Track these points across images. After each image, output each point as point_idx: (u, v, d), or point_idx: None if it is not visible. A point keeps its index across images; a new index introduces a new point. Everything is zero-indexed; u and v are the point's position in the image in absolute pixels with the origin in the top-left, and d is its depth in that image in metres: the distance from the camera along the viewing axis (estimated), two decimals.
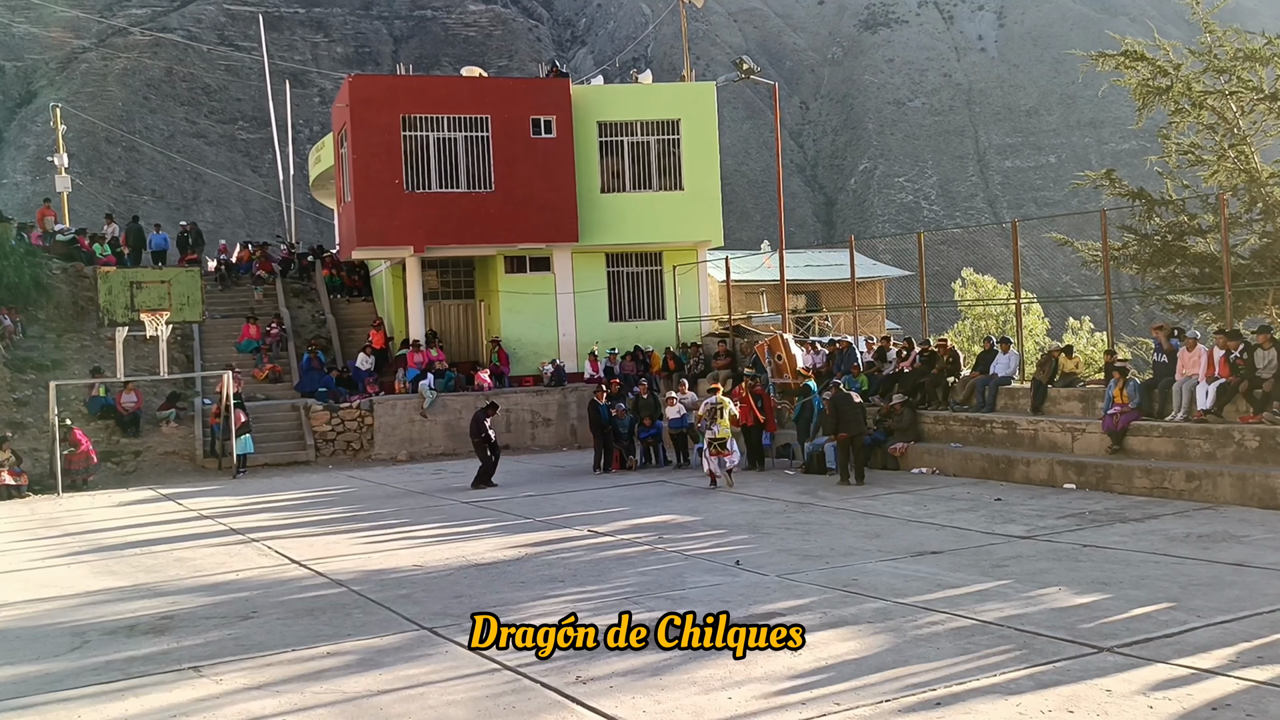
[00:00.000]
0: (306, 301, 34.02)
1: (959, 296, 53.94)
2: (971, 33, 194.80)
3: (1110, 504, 14.86)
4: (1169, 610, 9.13)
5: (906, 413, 20.45)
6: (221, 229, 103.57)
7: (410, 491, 20.39)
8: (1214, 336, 17.37)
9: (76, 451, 23.39)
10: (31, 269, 29.64)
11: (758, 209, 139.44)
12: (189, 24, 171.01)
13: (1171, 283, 24.55)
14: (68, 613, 11.28)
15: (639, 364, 28.85)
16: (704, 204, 30.65)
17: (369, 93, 28.73)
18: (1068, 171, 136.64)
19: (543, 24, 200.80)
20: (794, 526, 14.37)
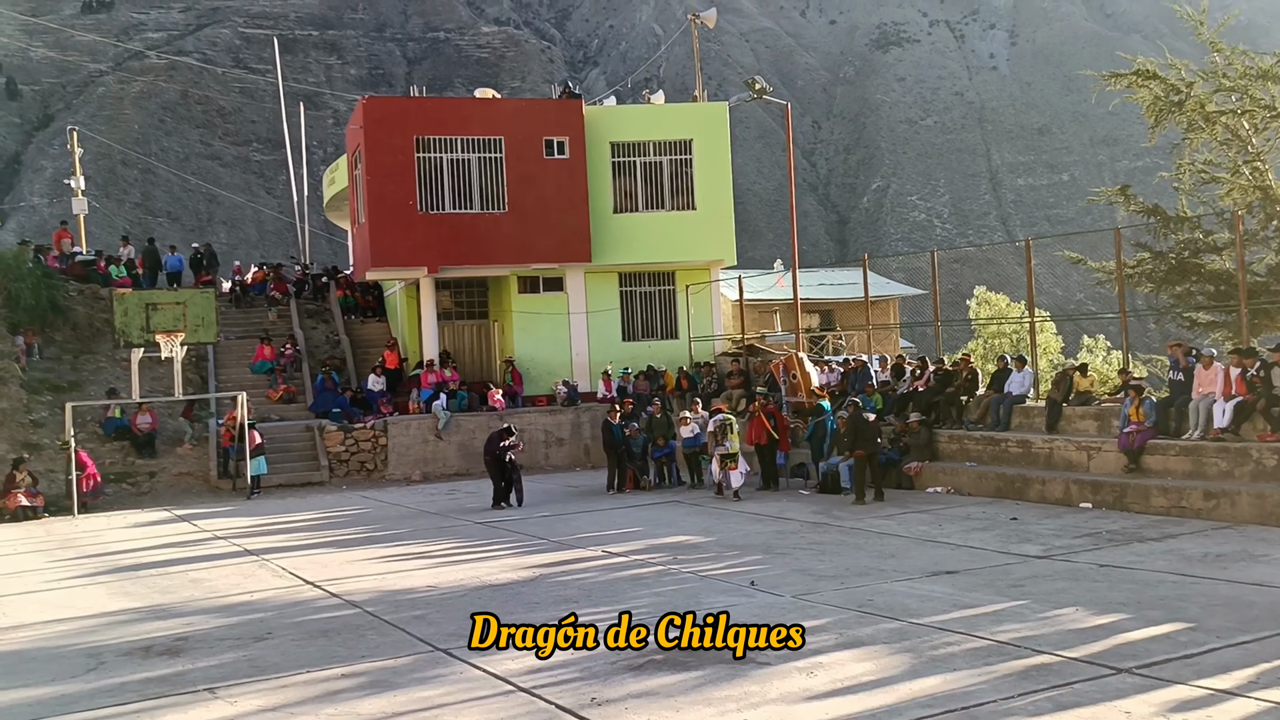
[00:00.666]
0: (320, 322, 34.14)
1: (972, 315, 53.90)
2: (983, 51, 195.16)
3: (1127, 523, 14.77)
4: (1188, 631, 9.06)
5: (923, 431, 20.39)
6: (236, 250, 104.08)
7: (424, 512, 20.39)
8: (1230, 354, 17.29)
9: (84, 474, 23.40)
10: (48, 291, 29.82)
11: (770, 228, 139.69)
12: (204, 47, 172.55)
13: (1186, 300, 24.47)
14: (84, 634, 11.30)
15: (652, 383, 28.83)
16: (716, 223, 30.68)
17: (383, 114, 28.88)
18: (1081, 189, 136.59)
19: (555, 45, 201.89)
20: (809, 546, 14.32)
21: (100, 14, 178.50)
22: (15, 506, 22.42)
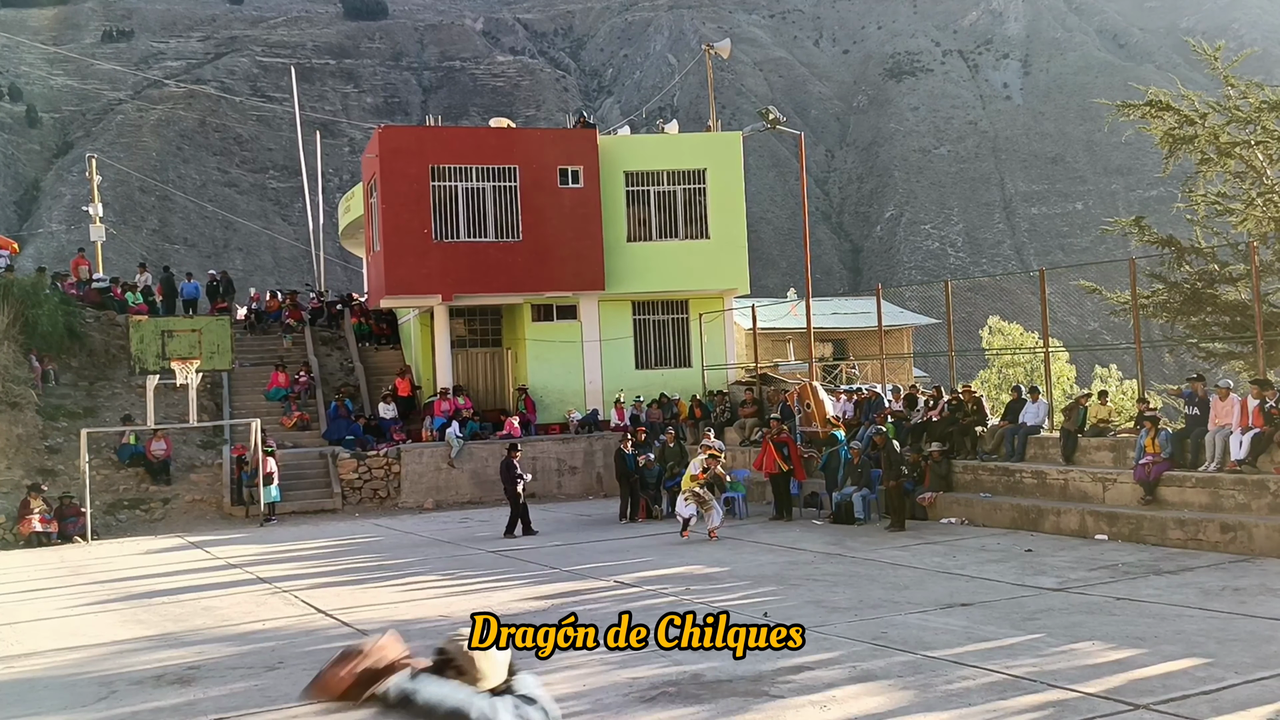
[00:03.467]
0: (335, 349, 34.24)
1: (986, 344, 53.75)
2: (997, 81, 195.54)
3: (1143, 555, 14.66)
4: (1206, 666, 8.97)
5: (943, 461, 20.31)
6: (251, 277, 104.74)
7: (437, 540, 20.37)
8: (1248, 385, 17.19)
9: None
10: (65, 317, 30.01)
11: (784, 256, 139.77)
12: (222, 75, 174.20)
13: (1202, 331, 24.35)
14: (96, 662, 11.29)
15: (665, 412, 28.81)
16: (730, 252, 30.74)
17: (398, 143, 29.08)
18: (1095, 218, 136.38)
19: (570, 74, 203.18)
20: (822, 577, 14.25)
21: (120, 43, 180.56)
22: (30, 532, 22.50)
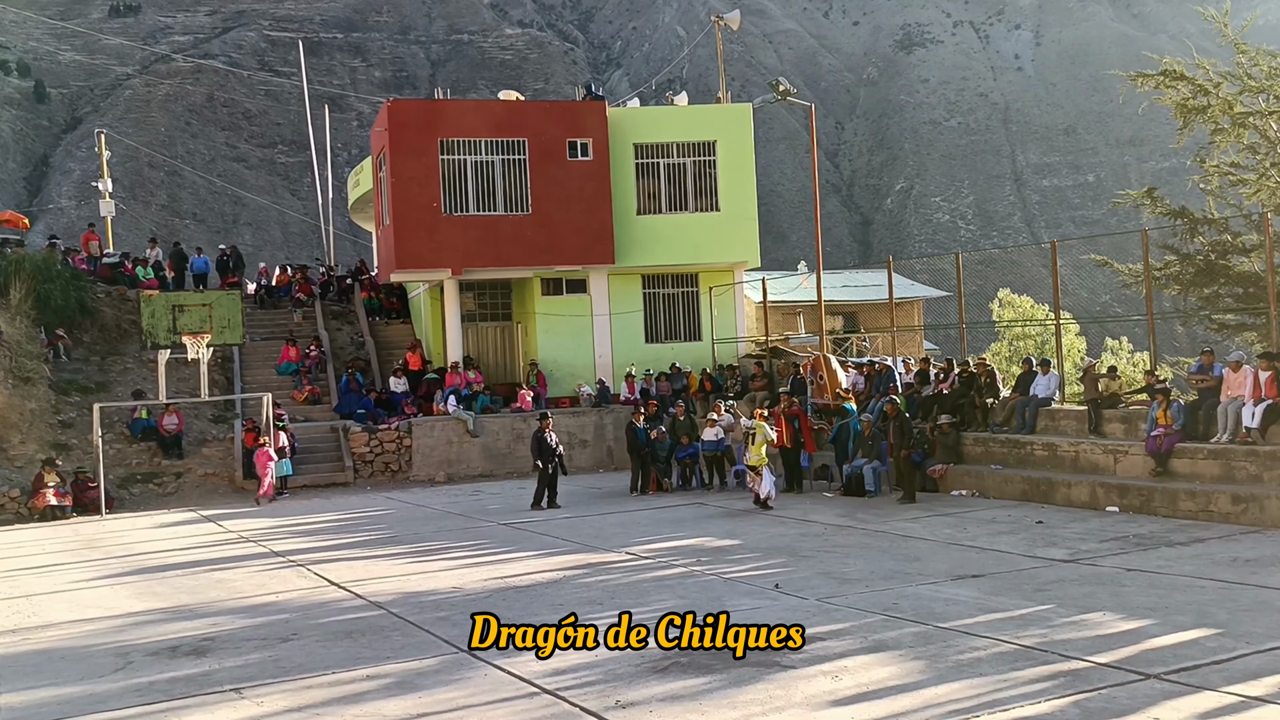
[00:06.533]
0: (345, 324, 34.29)
1: (996, 317, 53.56)
2: (1008, 52, 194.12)
3: (1154, 527, 14.66)
4: (1217, 636, 8.98)
5: (952, 433, 20.31)
6: (261, 251, 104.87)
7: (449, 513, 20.45)
8: (1259, 357, 17.12)
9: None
10: (77, 292, 30.08)
11: (794, 229, 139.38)
12: (230, 50, 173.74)
13: (1215, 303, 24.21)
14: (111, 634, 11.39)
15: (675, 384, 28.81)
16: (740, 225, 30.65)
17: (407, 117, 28.99)
18: (1106, 190, 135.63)
19: (578, 47, 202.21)
20: (833, 549, 14.28)
21: (127, 17, 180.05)
22: (44, 506, 22.64)
